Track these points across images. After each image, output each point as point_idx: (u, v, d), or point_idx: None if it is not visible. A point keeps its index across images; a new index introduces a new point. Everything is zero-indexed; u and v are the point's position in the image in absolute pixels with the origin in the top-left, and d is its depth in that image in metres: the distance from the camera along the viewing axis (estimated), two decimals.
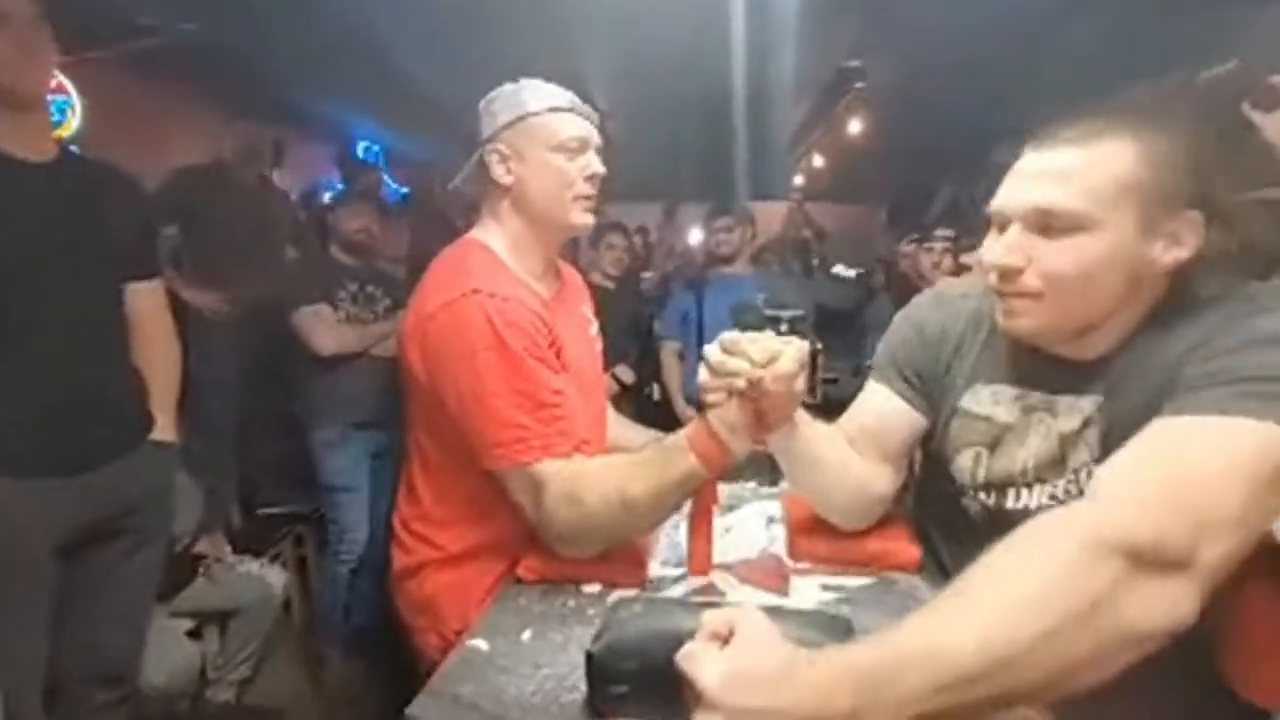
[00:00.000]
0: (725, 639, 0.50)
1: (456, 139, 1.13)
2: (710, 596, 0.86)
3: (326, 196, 2.64)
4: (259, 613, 1.92)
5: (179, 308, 1.91)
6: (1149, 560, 0.52)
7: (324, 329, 2.13)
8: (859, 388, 0.96)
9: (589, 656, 0.60)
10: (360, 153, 3.77)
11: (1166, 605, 0.52)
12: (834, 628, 0.62)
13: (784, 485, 1.16)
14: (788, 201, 4.68)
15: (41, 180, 1.19)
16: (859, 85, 2.55)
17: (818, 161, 3.56)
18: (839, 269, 3.02)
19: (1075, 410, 0.76)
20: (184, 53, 2.16)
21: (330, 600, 2.28)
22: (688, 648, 0.50)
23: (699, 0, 1.88)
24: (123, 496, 1.30)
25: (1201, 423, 0.59)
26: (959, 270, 2.46)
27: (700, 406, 0.86)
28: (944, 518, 0.91)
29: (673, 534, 1.04)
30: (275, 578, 2.00)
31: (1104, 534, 0.52)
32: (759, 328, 0.86)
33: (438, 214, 2.91)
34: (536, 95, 1.00)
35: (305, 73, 2.44)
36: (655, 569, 0.94)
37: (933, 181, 3.89)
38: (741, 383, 0.79)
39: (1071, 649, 0.49)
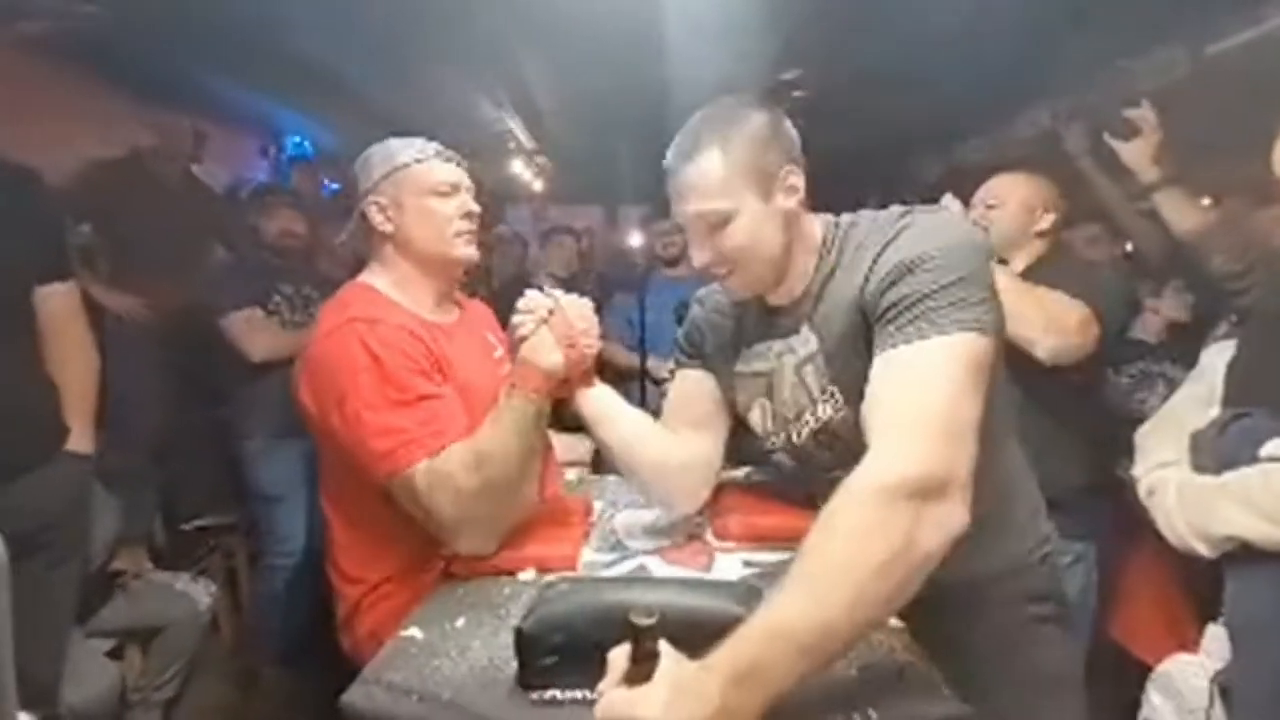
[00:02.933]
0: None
1: (388, 135, 1.14)
2: (640, 575, 0.92)
3: (243, 194, 2.48)
4: (184, 629, 1.84)
5: (95, 311, 1.80)
6: (928, 489, 0.62)
7: (255, 334, 2.05)
8: None
9: (518, 631, 0.64)
10: (290, 148, 3.62)
11: (949, 521, 0.63)
12: (747, 595, 0.69)
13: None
14: None
15: None
16: (796, 95, 2.63)
17: None
18: None
19: (804, 345, 0.90)
20: (86, 36, 2.01)
21: (264, 613, 2.20)
22: (605, 697, 0.53)
23: (633, 5, 1.92)
24: (37, 511, 1.23)
25: (915, 350, 0.71)
26: None
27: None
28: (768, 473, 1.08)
29: (606, 523, 1.09)
30: (201, 592, 1.91)
31: (886, 485, 0.62)
32: None
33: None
34: (406, 148, 1.09)
35: (226, 60, 2.29)
36: (588, 554, 0.99)
37: (860, 189, 4.07)
38: (544, 311, 0.98)
39: (884, 590, 0.58)
